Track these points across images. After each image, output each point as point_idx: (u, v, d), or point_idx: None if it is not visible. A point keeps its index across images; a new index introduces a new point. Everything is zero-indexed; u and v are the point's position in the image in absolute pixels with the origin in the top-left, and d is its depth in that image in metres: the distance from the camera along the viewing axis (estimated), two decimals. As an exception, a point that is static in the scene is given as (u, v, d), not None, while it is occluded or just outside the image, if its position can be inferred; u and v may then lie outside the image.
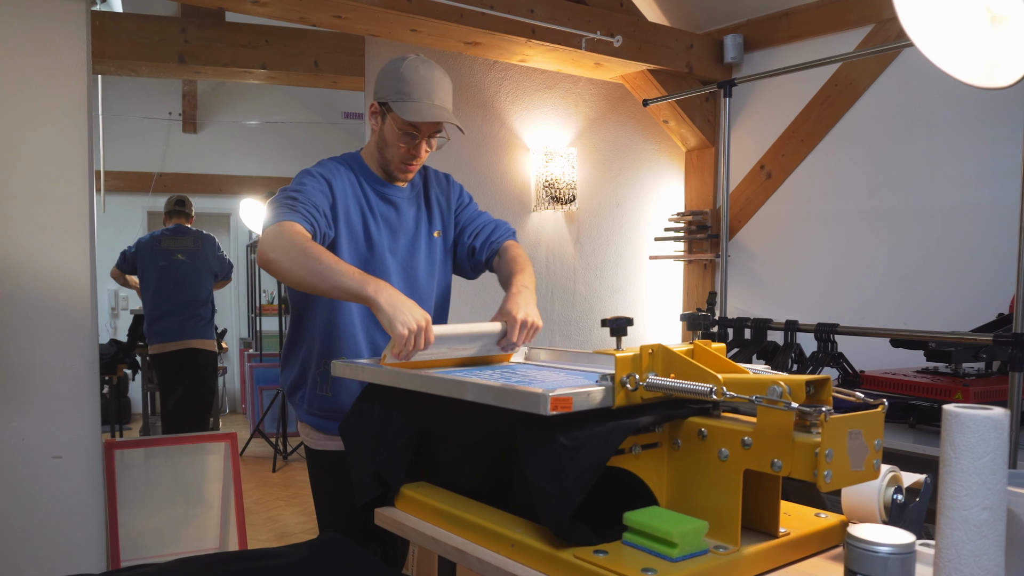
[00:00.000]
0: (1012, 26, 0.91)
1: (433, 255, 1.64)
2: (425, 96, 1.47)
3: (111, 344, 4.45)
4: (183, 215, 4.10)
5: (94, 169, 2.34)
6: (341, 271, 1.29)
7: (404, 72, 1.48)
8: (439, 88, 1.49)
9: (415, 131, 1.49)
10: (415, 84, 1.47)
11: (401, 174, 1.57)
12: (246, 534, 2.83)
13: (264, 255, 1.37)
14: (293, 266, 1.32)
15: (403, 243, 1.59)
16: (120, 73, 3.19)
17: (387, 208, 1.58)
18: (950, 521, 0.78)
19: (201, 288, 4.04)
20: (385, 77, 1.51)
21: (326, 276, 1.29)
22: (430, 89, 1.48)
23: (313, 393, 1.59)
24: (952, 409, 0.79)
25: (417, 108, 1.46)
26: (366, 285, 1.27)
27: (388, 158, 1.54)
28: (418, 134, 1.50)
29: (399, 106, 1.47)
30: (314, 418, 1.59)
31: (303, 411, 1.62)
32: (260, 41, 3.06)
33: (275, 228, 1.38)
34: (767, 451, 0.87)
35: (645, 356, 0.99)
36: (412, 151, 1.52)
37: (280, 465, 4.81)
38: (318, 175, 1.51)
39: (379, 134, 1.55)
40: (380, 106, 1.53)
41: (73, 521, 2.29)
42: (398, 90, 1.47)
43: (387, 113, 1.51)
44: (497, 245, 1.64)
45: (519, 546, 0.97)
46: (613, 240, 3.71)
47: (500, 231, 1.67)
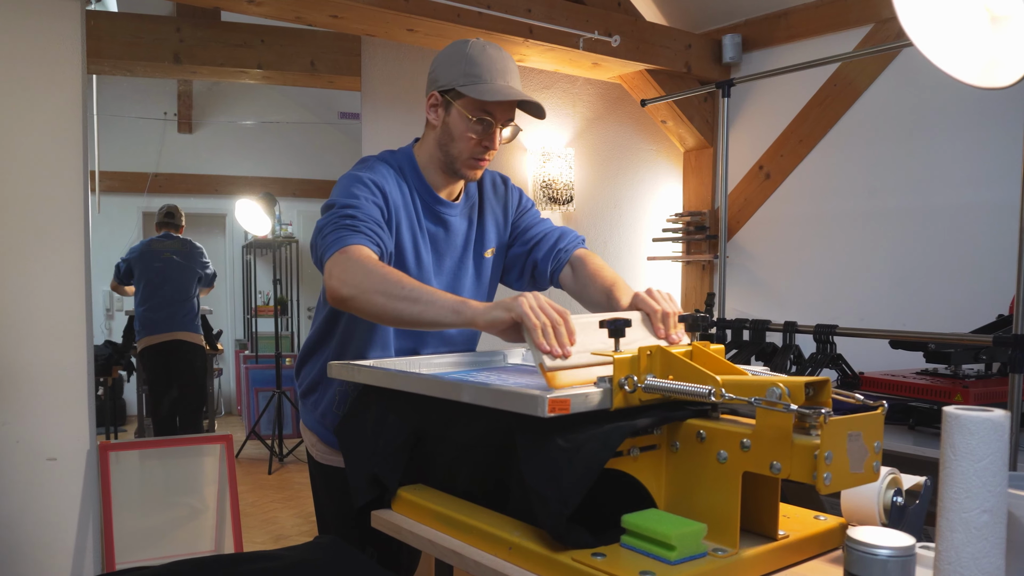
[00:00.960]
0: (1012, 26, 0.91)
1: (481, 276, 1.48)
2: (499, 76, 1.32)
3: (106, 345, 4.47)
4: (172, 226, 4.27)
5: (89, 169, 2.34)
6: (437, 301, 1.13)
7: (472, 53, 1.33)
8: (510, 69, 1.35)
9: (489, 117, 1.33)
10: (486, 65, 1.32)
11: (470, 171, 1.38)
12: (242, 536, 2.81)
13: (337, 292, 1.19)
14: (379, 300, 1.15)
15: (448, 265, 1.44)
16: (115, 73, 3.18)
17: (437, 226, 1.42)
18: (950, 524, 0.78)
19: (186, 285, 4.18)
20: (448, 62, 1.35)
21: (421, 312, 1.14)
22: (503, 69, 1.33)
23: (329, 408, 1.48)
24: (952, 411, 0.78)
25: (493, 89, 1.30)
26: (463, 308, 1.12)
27: (455, 154, 1.36)
28: (492, 120, 1.34)
29: (472, 88, 1.30)
30: (324, 430, 1.48)
31: (314, 418, 1.50)
32: (256, 41, 3.06)
33: (339, 257, 1.21)
34: (766, 453, 0.87)
35: (643, 358, 0.98)
36: (485, 142, 1.35)
37: (276, 467, 4.80)
38: (371, 184, 1.33)
39: (442, 128, 1.37)
40: (443, 96, 1.35)
41: (67, 523, 2.28)
42: (467, 72, 1.31)
43: (453, 102, 1.34)
44: (566, 255, 1.45)
45: (516, 549, 0.97)
46: (611, 241, 3.70)
47: (567, 240, 1.47)
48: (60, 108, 2.23)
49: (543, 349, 1.02)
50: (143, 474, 2.72)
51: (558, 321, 1.03)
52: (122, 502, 2.59)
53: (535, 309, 1.03)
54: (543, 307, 1.04)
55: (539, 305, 1.04)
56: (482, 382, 1.12)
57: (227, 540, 2.78)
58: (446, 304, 1.13)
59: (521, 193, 1.55)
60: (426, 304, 1.13)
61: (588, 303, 1.39)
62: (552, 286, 1.49)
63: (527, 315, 1.02)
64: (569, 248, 1.46)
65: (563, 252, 1.46)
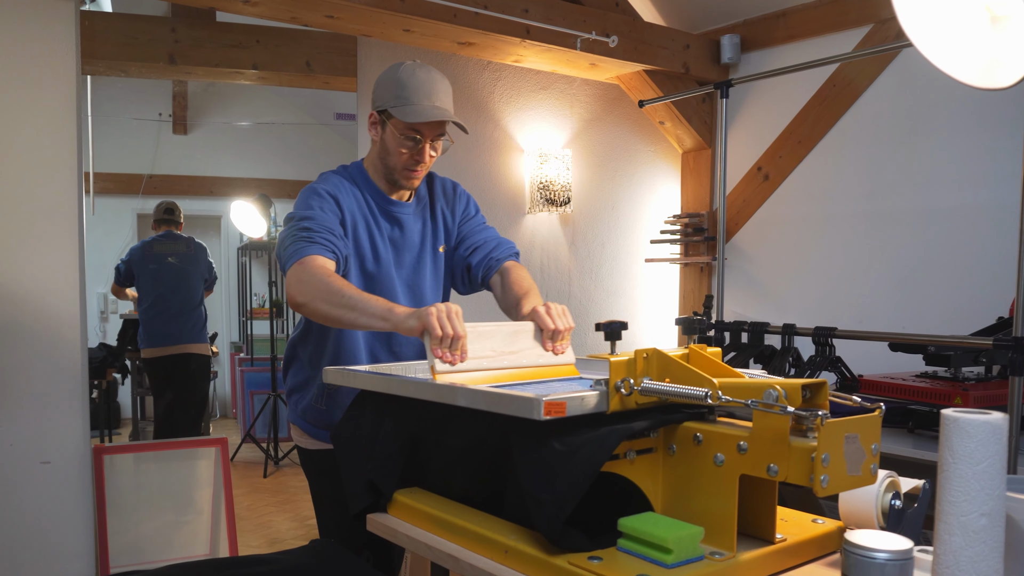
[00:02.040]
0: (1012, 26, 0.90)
1: (438, 271, 1.61)
2: (425, 98, 1.45)
3: (100, 348, 4.43)
4: (172, 223, 4.11)
5: (83, 171, 2.33)
6: (369, 309, 1.28)
7: (402, 77, 1.47)
8: (439, 89, 1.48)
9: (417, 135, 1.47)
10: (414, 87, 1.45)
11: (406, 181, 1.53)
12: (237, 540, 2.80)
13: (292, 300, 1.35)
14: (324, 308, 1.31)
15: (408, 260, 1.57)
16: (109, 74, 3.17)
17: (392, 225, 1.56)
18: (948, 527, 0.77)
19: (194, 292, 4.04)
20: (382, 85, 1.49)
21: (356, 318, 1.29)
22: (429, 91, 1.46)
23: (310, 403, 1.58)
24: (951, 414, 0.78)
25: (418, 110, 1.44)
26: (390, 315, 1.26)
27: (391, 166, 1.51)
28: (421, 137, 1.48)
29: (399, 110, 1.45)
30: (308, 425, 1.60)
31: (296, 414, 1.62)
32: (251, 41, 3.05)
33: (296, 268, 1.36)
34: (763, 456, 0.86)
35: (640, 360, 0.98)
36: (416, 156, 1.49)
37: (271, 470, 4.78)
38: (325, 194, 1.48)
39: (380, 143, 1.52)
40: (379, 115, 1.51)
41: (62, 527, 2.26)
42: (397, 95, 1.46)
43: (387, 120, 1.49)
44: (497, 264, 1.59)
45: (512, 552, 0.96)
46: (608, 243, 3.70)
47: (502, 249, 1.61)
48: (54, 109, 2.22)
49: (436, 355, 1.18)
50: (138, 477, 2.71)
51: (458, 336, 1.19)
52: (116, 506, 2.58)
53: (442, 321, 1.18)
54: (450, 319, 1.18)
55: (447, 316, 1.18)
56: (477, 385, 1.11)
57: (222, 544, 2.77)
58: (376, 311, 1.27)
59: (469, 199, 1.69)
60: (360, 311, 1.28)
61: (504, 309, 1.53)
62: (484, 289, 1.63)
63: (433, 327, 1.17)
64: (500, 257, 1.60)
65: (495, 261, 1.59)
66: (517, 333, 1.29)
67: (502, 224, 3.46)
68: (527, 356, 1.29)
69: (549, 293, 3.57)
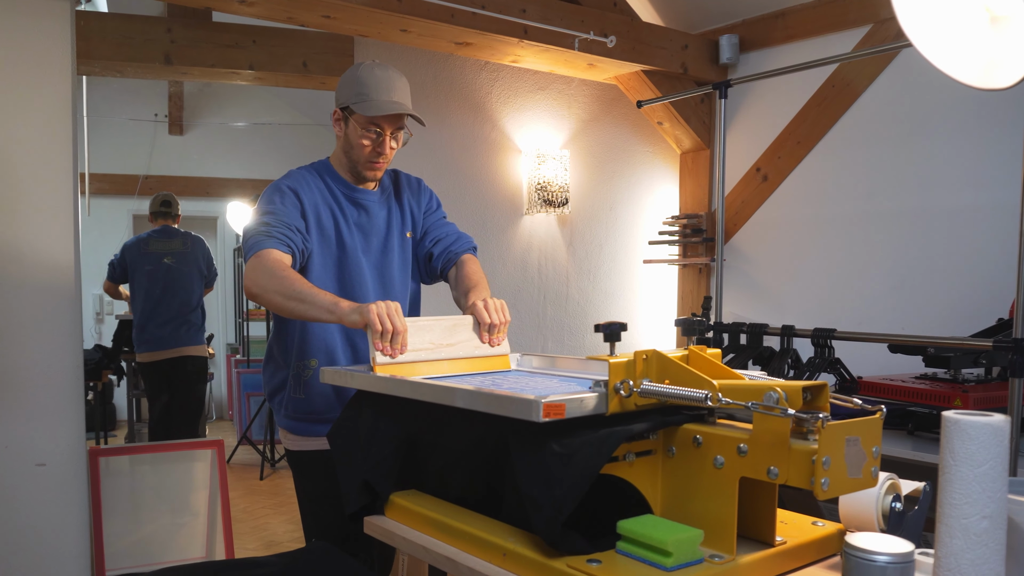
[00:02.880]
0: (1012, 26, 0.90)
1: (406, 255, 1.69)
2: (383, 93, 1.54)
3: (96, 350, 4.39)
4: (169, 216, 4.00)
5: (79, 172, 2.32)
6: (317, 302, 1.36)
7: (360, 75, 1.56)
8: (396, 85, 1.57)
9: (377, 128, 1.56)
10: (372, 84, 1.54)
11: (370, 172, 1.61)
12: (233, 543, 2.79)
13: (248, 290, 1.45)
14: (277, 300, 1.40)
15: (375, 244, 1.64)
16: (105, 74, 3.16)
17: (358, 210, 1.63)
18: (949, 530, 0.77)
19: (191, 293, 3.93)
20: (343, 84, 1.59)
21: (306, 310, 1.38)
22: (387, 87, 1.55)
23: (288, 396, 1.63)
24: (951, 415, 0.78)
25: (376, 104, 1.53)
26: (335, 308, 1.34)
27: (355, 159, 1.60)
28: (381, 131, 1.56)
29: (359, 106, 1.53)
30: (290, 421, 1.63)
31: (281, 415, 1.66)
32: (247, 41, 3.04)
33: (254, 261, 1.45)
34: (763, 458, 0.86)
35: (639, 362, 0.97)
36: (377, 148, 1.57)
37: (268, 473, 4.77)
38: (286, 188, 1.57)
39: (344, 138, 1.61)
40: (342, 112, 1.59)
41: (57, 530, 2.25)
42: (356, 92, 1.55)
43: (349, 116, 1.58)
44: (455, 257, 1.68)
45: (511, 555, 0.96)
46: (607, 244, 3.70)
47: (461, 243, 1.70)
48: (49, 109, 2.21)
49: (377, 348, 1.28)
50: (133, 480, 2.69)
51: (399, 330, 1.29)
52: (112, 508, 2.57)
53: (382, 317, 1.27)
54: (390, 315, 1.28)
55: (388, 313, 1.28)
56: (476, 386, 1.11)
57: (218, 546, 2.76)
58: (323, 304, 1.36)
59: (432, 194, 1.77)
60: (309, 304, 1.37)
61: (456, 300, 1.61)
62: (442, 280, 1.72)
63: (373, 321, 1.27)
64: (458, 251, 1.69)
65: (454, 254, 1.68)
66: (456, 326, 1.39)
67: (499, 225, 3.45)
68: (464, 348, 1.38)
69: (547, 295, 3.57)
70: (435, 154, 3.28)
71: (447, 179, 3.30)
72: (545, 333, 3.54)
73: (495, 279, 3.39)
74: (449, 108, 3.31)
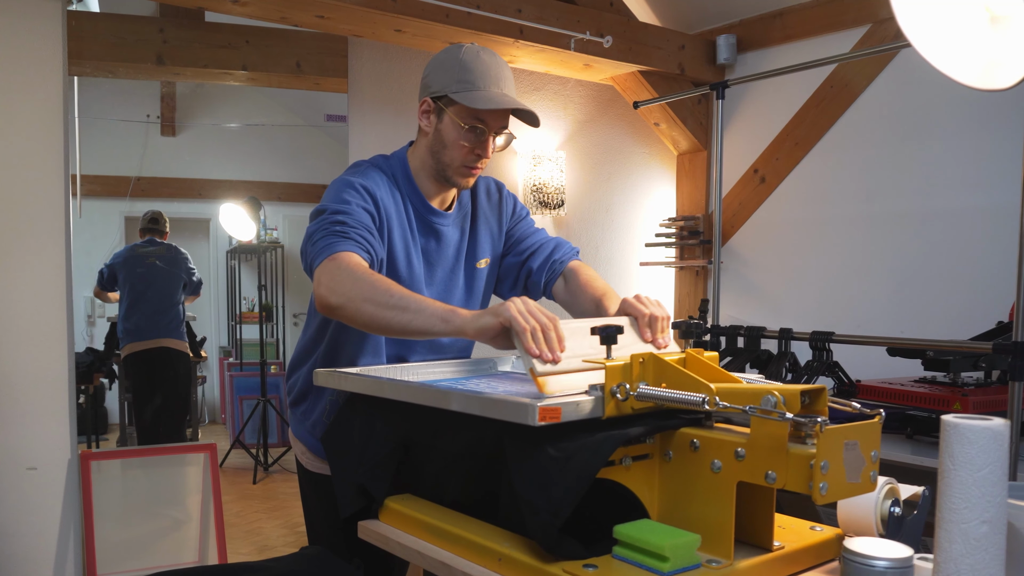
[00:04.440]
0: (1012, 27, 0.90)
1: (472, 287, 1.48)
2: (492, 83, 1.31)
3: (87, 352, 4.42)
4: (157, 232, 4.26)
5: (70, 173, 2.30)
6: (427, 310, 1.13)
7: (466, 59, 1.31)
8: (505, 75, 1.34)
9: (482, 125, 1.32)
10: (480, 72, 1.30)
11: (462, 179, 1.37)
12: (226, 548, 2.78)
13: (326, 301, 1.19)
14: (368, 309, 1.15)
15: (440, 275, 1.44)
16: (97, 74, 3.14)
17: (428, 236, 1.41)
18: (949, 535, 0.77)
19: (172, 291, 4.17)
20: (439, 68, 1.34)
21: (410, 320, 1.13)
22: (497, 76, 1.32)
23: (318, 416, 1.46)
24: (951, 419, 0.77)
25: (486, 96, 1.29)
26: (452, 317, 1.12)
27: (446, 162, 1.35)
28: (485, 128, 1.32)
29: (464, 96, 1.29)
30: (314, 440, 1.46)
31: (304, 430, 1.48)
32: (240, 41, 3.03)
33: (329, 265, 1.21)
34: (761, 463, 0.85)
35: (636, 365, 0.97)
36: (478, 150, 1.34)
37: (261, 477, 4.75)
38: (362, 189, 1.32)
39: (434, 135, 1.36)
40: (435, 102, 1.34)
41: (48, 535, 2.24)
42: (460, 79, 1.30)
43: (445, 108, 1.33)
44: (560, 266, 1.46)
45: (506, 560, 0.95)
46: (603, 246, 3.69)
47: (562, 251, 1.48)
48: (40, 110, 2.20)
49: (533, 353, 1.01)
50: (125, 484, 2.68)
51: (548, 326, 1.02)
52: (104, 512, 2.55)
53: (524, 313, 1.02)
54: (532, 311, 1.03)
55: (528, 309, 1.03)
56: (471, 390, 1.10)
57: (211, 551, 2.74)
58: (435, 312, 1.13)
59: (516, 201, 1.55)
60: (415, 312, 1.13)
61: (578, 313, 1.40)
62: (545, 296, 1.50)
63: (516, 319, 1.02)
64: (564, 259, 1.47)
65: (558, 263, 1.46)
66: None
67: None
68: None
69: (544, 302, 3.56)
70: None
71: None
72: (540, 335, 3.54)
73: (490, 281, 3.38)
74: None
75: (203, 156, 6.39)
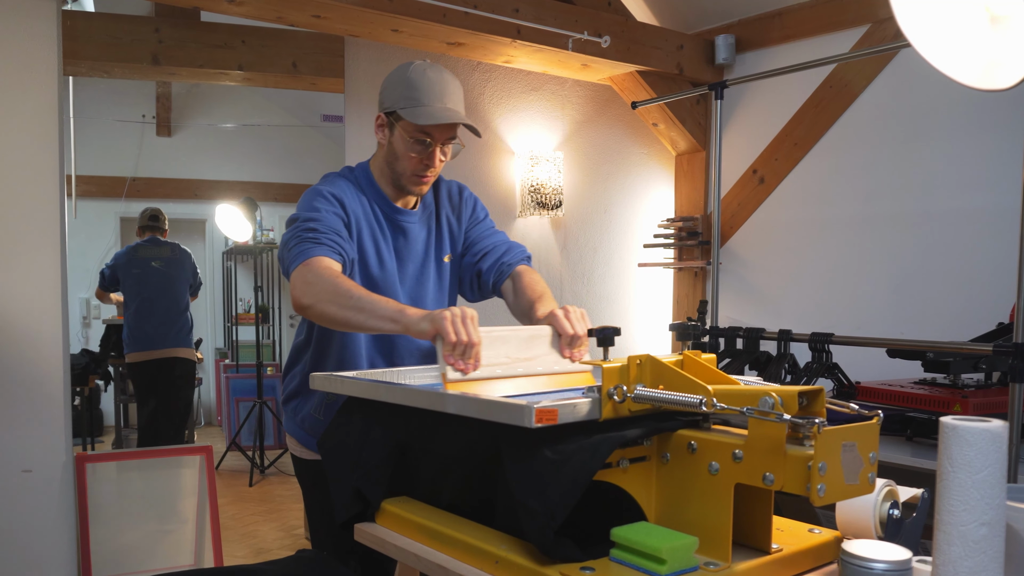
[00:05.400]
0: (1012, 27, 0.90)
1: (442, 281, 1.58)
2: (436, 99, 1.41)
3: (83, 354, 4.38)
4: (157, 229, 4.16)
5: (65, 174, 2.29)
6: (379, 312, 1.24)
7: (412, 77, 1.42)
8: (450, 90, 1.44)
9: (428, 138, 1.43)
10: (424, 88, 1.41)
11: (415, 187, 1.49)
12: (222, 550, 2.77)
13: (298, 302, 1.32)
14: (331, 311, 1.27)
15: (411, 271, 1.54)
16: (92, 75, 3.13)
17: (397, 234, 1.52)
18: (948, 537, 0.76)
19: (180, 296, 4.08)
20: (390, 86, 1.45)
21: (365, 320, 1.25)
22: (441, 92, 1.42)
23: (308, 411, 1.55)
24: (950, 421, 0.77)
25: (429, 112, 1.40)
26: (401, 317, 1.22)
27: (399, 171, 1.47)
28: (431, 141, 1.43)
29: (409, 112, 1.40)
30: (303, 433, 1.57)
31: (294, 424, 1.58)
32: (236, 41, 3.02)
33: (302, 270, 1.32)
34: (759, 464, 0.85)
35: (633, 367, 0.97)
36: (425, 160, 1.45)
37: (257, 479, 4.73)
38: (331, 196, 1.43)
39: (388, 147, 1.48)
40: (387, 116, 1.46)
41: (43, 537, 2.23)
42: (407, 96, 1.41)
43: (396, 123, 1.44)
44: (508, 269, 1.55)
45: (503, 563, 0.95)
46: (601, 247, 3.69)
47: (512, 254, 1.57)
48: (35, 111, 2.19)
49: (448, 362, 1.13)
50: (121, 486, 2.67)
51: (471, 343, 1.13)
52: (99, 515, 2.54)
53: (456, 327, 1.12)
54: (464, 325, 1.13)
55: (461, 322, 1.13)
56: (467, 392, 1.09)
57: (207, 554, 2.73)
58: (386, 313, 1.24)
59: (476, 203, 1.64)
60: (369, 313, 1.24)
61: (517, 315, 1.49)
62: (495, 296, 1.59)
63: (447, 331, 1.12)
64: (512, 262, 1.56)
65: (506, 266, 1.56)
66: (533, 338, 1.24)
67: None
68: (542, 363, 1.23)
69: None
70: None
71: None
72: (537, 336, 3.53)
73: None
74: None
75: (199, 157, 6.37)
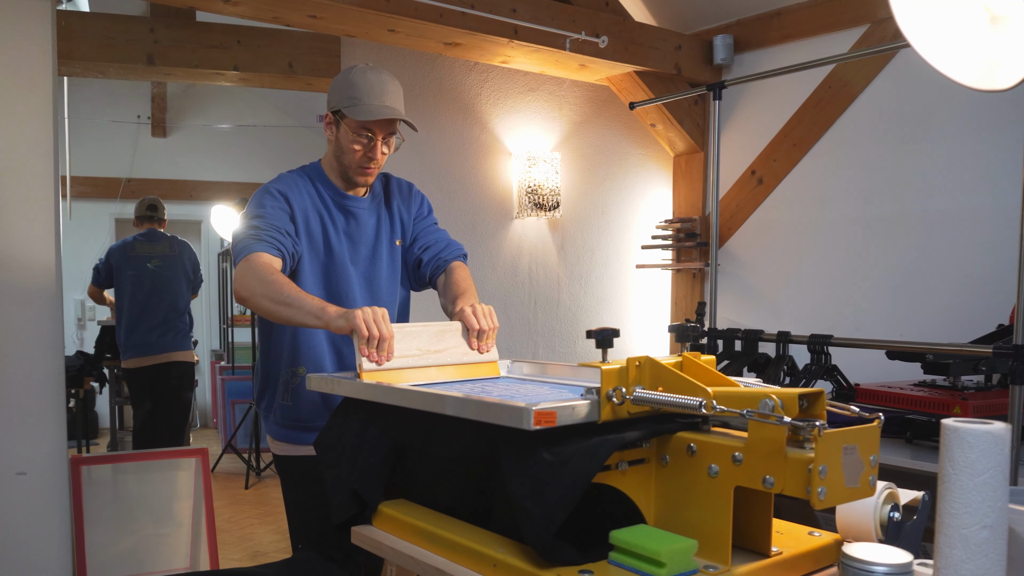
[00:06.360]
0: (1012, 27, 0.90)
1: (395, 263, 1.69)
2: (375, 98, 1.54)
3: (77, 356, 4.32)
4: (155, 220, 3.98)
5: (60, 175, 2.28)
6: (304, 307, 1.36)
7: (353, 78, 1.55)
8: (388, 90, 1.57)
9: (369, 133, 1.55)
10: (365, 88, 1.54)
11: (360, 178, 1.61)
12: (218, 553, 2.76)
13: (238, 294, 1.46)
14: (264, 304, 1.41)
15: (364, 252, 1.64)
16: (87, 75, 3.12)
17: (347, 217, 1.63)
18: (949, 540, 0.76)
19: (179, 297, 3.91)
20: (335, 88, 1.59)
21: (292, 315, 1.38)
22: (380, 92, 1.55)
23: (277, 402, 1.64)
24: (951, 424, 0.77)
25: (368, 109, 1.53)
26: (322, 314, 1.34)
27: (346, 164, 1.60)
28: (373, 136, 1.56)
29: (351, 110, 1.53)
30: (278, 428, 1.63)
31: (269, 421, 1.66)
32: (232, 42, 3.01)
33: (244, 265, 1.45)
34: (758, 467, 0.85)
35: (632, 369, 0.96)
36: (369, 153, 1.57)
37: (253, 482, 4.71)
38: (276, 192, 1.57)
39: (335, 143, 1.61)
40: (333, 115, 1.59)
41: (38, 540, 2.22)
42: (348, 96, 1.54)
43: (340, 120, 1.57)
44: (444, 264, 1.68)
45: (501, 566, 0.94)
46: (599, 248, 3.68)
47: (450, 250, 1.70)
48: (29, 111, 2.18)
49: (363, 354, 1.27)
50: (116, 489, 2.65)
51: (385, 337, 1.27)
52: (94, 518, 2.53)
53: (368, 323, 1.26)
54: (376, 321, 1.27)
55: (374, 319, 1.27)
56: (466, 394, 1.09)
57: (203, 557, 2.72)
58: (310, 309, 1.36)
59: (423, 200, 1.77)
60: (296, 308, 1.37)
61: (443, 308, 1.61)
62: (431, 288, 1.71)
63: (360, 327, 1.26)
64: (448, 258, 1.69)
65: (443, 261, 1.68)
66: (444, 332, 1.38)
67: (489, 229, 3.43)
68: (452, 354, 1.38)
69: (538, 300, 3.55)
70: (423, 156, 3.26)
71: (435, 182, 3.28)
72: (536, 339, 3.53)
73: (484, 284, 3.37)
74: (438, 110, 3.29)
75: (194, 157, 6.35)
